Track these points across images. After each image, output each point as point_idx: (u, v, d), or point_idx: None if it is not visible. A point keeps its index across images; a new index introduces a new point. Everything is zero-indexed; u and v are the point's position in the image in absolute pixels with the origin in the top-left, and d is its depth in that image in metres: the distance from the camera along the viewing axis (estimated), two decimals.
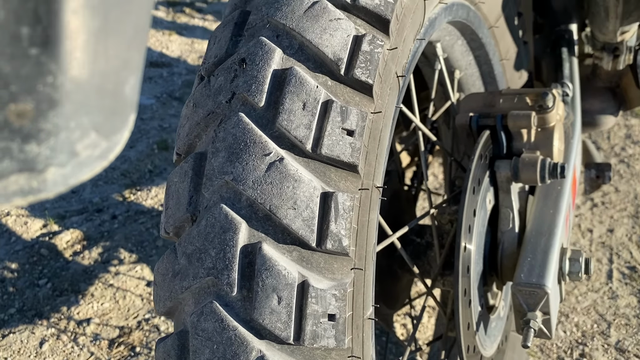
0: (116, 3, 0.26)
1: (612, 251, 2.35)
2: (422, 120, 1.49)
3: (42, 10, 0.25)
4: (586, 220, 2.52)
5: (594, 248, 2.38)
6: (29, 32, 0.25)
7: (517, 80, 1.47)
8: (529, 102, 1.07)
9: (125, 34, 0.27)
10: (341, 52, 0.64)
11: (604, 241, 2.41)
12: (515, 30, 1.37)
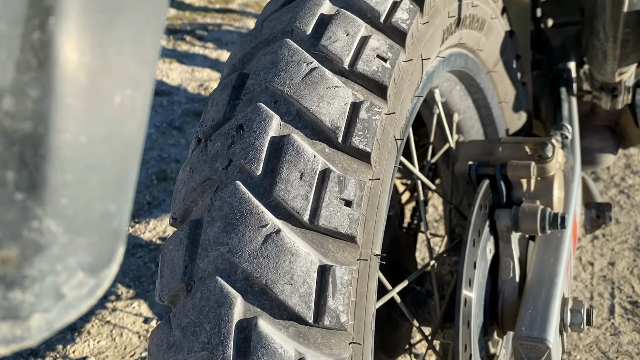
0: (107, 148, 0.26)
1: (614, 285, 2.33)
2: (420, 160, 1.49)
3: (28, 155, 0.24)
4: (587, 252, 2.51)
5: (595, 282, 2.36)
6: (15, 177, 0.24)
7: (516, 122, 1.47)
8: (528, 151, 1.06)
9: (115, 170, 0.27)
10: (339, 120, 0.64)
11: (605, 275, 2.39)
12: (514, 73, 1.37)
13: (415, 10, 0.77)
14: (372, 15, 0.74)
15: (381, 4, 0.74)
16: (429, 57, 0.83)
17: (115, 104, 0.27)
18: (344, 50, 0.68)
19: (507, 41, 1.28)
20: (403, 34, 0.73)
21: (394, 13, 0.74)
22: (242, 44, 0.78)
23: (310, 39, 0.71)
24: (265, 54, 0.71)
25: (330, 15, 0.73)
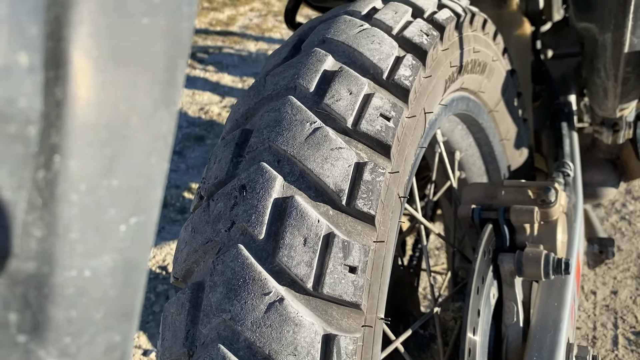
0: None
1: (617, 315, 2.31)
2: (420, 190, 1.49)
3: (31, 296, 0.24)
4: (589, 281, 2.49)
5: (597, 312, 2.34)
6: (17, 319, 0.24)
7: (518, 158, 1.47)
8: (531, 195, 1.06)
9: (120, 299, 0.26)
10: (342, 182, 0.63)
11: (608, 304, 2.37)
12: (515, 110, 1.37)
13: (417, 65, 0.77)
14: (374, 72, 0.74)
15: (384, 61, 0.74)
16: (431, 111, 0.83)
17: (120, 233, 0.26)
18: (347, 109, 0.68)
19: (509, 80, 1.29)
20: (406, 91, 0.73)
21: (396, 70, 0.74)
22: (245, 98, 0.78)
23: (314, 97, 0.71)
24: (269, 110, 0.71)
25: (333, 71, 0.73)
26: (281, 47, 0.86)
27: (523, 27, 1.62)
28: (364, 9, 0.86)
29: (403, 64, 0.75)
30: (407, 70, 0.75)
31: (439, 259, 2.54)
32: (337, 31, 0.80)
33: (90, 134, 0.25)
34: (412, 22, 0.84)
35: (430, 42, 0.81)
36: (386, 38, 0.77)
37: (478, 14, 1.04)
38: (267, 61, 0.85)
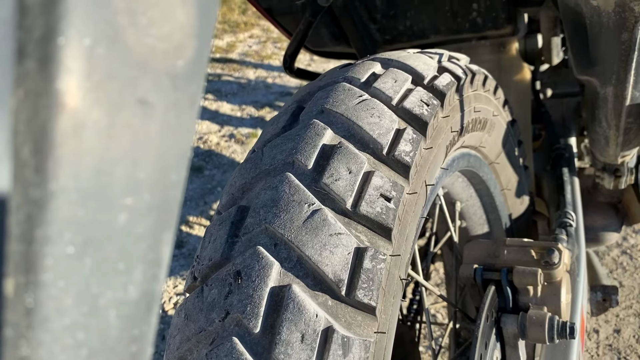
0: None
1: (620, 355, 2.27)
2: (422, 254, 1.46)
3: None
4: (592, 319, 2.46)
5: (601, 351, 2.30)
6: None
7: (519, 206, 1.45)
8: (534, 256, 1.04)
9: None
10: (342, 272, 0.61)
11: (611, 343, 2.34)
12: (516, 160, 1.36)
13: (418, 139, 0.75)
14: (374, 147, 0.72)
15: (384, 136, 0.73)
16: (433, 183, 0.81)
17: None
18: (346, 190, 0.66)
19: (509, 131, 1.27)
20: (407, 167, 0.71)
21: (396, 145, 0.72)
22: (242, 171, 0.76)
23: (312, 174, 0.69)
24: (266, 188, 0.69)
25: (332, 146, 0.71)
26: (279, 114, 0.85)
27: (523, 73, 1.61)
28: (363, 75, 0.85)
29: (403, 139, 0.73)
30: (408, 145, 0.73)
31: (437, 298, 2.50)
32: (336, 101, 0.78)
33: (65, 338, 0.22)
34: (412, 90, 0.82)
35: (430, 112, 0.79)
36: (386, 111, 0.76)
37: (478, 72, 1.03)
38: (265, 129, 0.84)
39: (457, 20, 1.53)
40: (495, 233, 1.44)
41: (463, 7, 1.50)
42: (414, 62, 0.89)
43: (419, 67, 0.88)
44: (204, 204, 3.09)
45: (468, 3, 1.49)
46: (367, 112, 0.75)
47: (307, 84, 0.92)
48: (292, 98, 0.90)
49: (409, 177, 0.71)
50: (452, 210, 1.34)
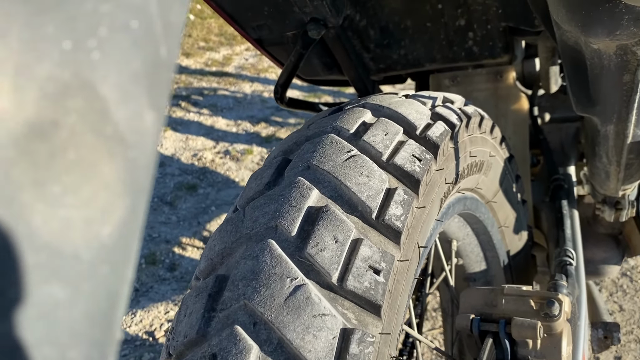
0: None
1: None
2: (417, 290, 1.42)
3: None
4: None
5: None
6: None
7: (517, 242, 1.41)
8: (533, 306, 0.99)
9: None
10: (326, 358, 0.56)
11: None
12: (514, 196, 1.31)
13: (410, 200, 0.71)
14: (363, 210, 0.68)
15: (373, 199, 0.68)
16: (426, 245, 0.76)
17: None
18: (332, 262, 0.62)
19: (507, 169, 1.23)
20: (397, 232, 0.67)
21: (386, 208, 0.68)
22: (222, 233, 0.71)
23: (296, 241, 0.64)
24: (246, 257, 0.65)
25: (318, 209, 0.67)
26: (264, 167, 0.80)
27: (520, 102, 1.57)
28: (353, 125, 0.80)
29: (394, 200, 0.69)
30: (399, 208, 0.68)
31: (436, 323, 2.45)
32: (323, 157, 0.74)
33: None
34: (404, 143, 0.78)
35: (423, 168, 0.75)
36: (375, 170, 0.72)
37: (474, 114, 0.99)
38: (249, 183, 0.79)
39: (452, 48, 1.49)
40: (492, 270, 1.39)
41: (459, 36, 1.46)
42: (405, 111, 0.84)
43: (411, 116, 0.84)
44: (197, 224, 3.04)
45: (464, 32, 1.45)
46: (355, 171, 0.71)
47: (294, 132, 0.88)
48: (278, 148, 0.85)
49: (400, 243, 0.67)
50: (447, 248, 1.30)
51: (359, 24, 1.44)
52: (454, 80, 1.62)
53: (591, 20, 0.76)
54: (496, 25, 1.42)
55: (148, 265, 2.71)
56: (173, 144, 4.00)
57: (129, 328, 2.32)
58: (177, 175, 3.58)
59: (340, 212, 0.67)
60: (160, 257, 2.78)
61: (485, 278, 1.41)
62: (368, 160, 0.73)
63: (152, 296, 2.52)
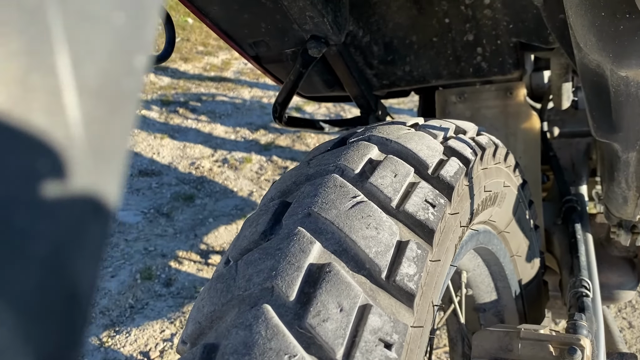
0: None
1: None
2: None
3: None
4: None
5: None
6: None
7: (529, 271, 1.33)
8: (552, 352, 0.91)
9: None
10: None
11: None
12: (527, 224, 1.24)
13: (424, 255, 0.63)
14: (372, 269, 0.60)
15: (382, 256, 0.61)
16: (439, 303, 0.69)
17: None
18: (337, 336, 0.54)
19: (520, 196, 1.15)
20: (411, 296, 0.59)
21: (398, 266, 0.60)
22: (212, 293, 0.64)
23: (295, 307, 0.57)
24: (238, 325, 0.57)
25: (320, 268, 0.59)
26: (259, 211, 0.72)
27: (531, 120, 1.50)
28: (358, 164, 0.73)
29: (406, 257, 0.61)
30: (412, 266, 0.61)
31: (440, 340, 2.38)
32: (325, 202, 0.66)
33: None
34: (416, 185, 0.70)
35: (437, 215, 0.68)
36: (384, 220, 0.64)
37: (488, 145, 0.91)
38: (242, 231, 0.71)
39: (460, 64, 1.41)
40: (503, 300, 1.32)
41: (467, 52, 1.39)
42: (416, 146, 0.77)
43: (422, 152, 0.76)
44: (194, 237, 2.96)
45: (472, 47, 1.37)
46: (362, 222, 0.63)
47: (292, 170, 0.80)
48: (275, 187, 0.77)
49: (413, 307, 0.59)
50: (457, 279, 1.22)
51: (361, 40, 1.37)
52: (461, 97, 1.54)
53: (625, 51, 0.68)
54: (506, 40, 1.34)
55: (143, 280, 2.64)
56: (170, 152, 3.93)
57: (123, 348, 2.25)
58: (174, 185, 3.50)
59: (345, 272, 0.59)
60: (156, 271, 2.70)
61: (495, 308, 1.33)
62: (376, 208, 0.65)
63: (147, 313, 2.44)
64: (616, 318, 2.59)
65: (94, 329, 2.33)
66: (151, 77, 5.13)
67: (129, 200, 3.28)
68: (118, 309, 2.45)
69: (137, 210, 3.19)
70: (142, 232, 3.00)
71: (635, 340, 2.45)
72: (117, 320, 2.39)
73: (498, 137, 1.52)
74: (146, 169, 3.65)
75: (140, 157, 3.80)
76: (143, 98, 4.71)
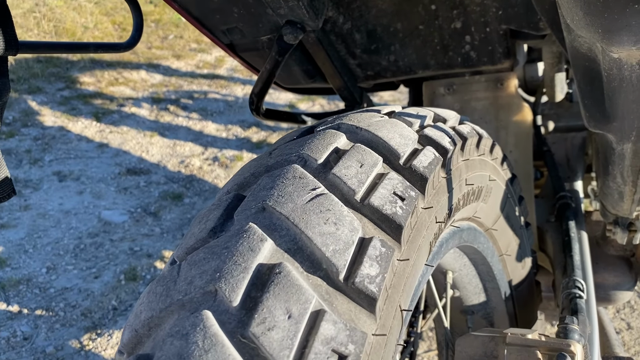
0: None
1: None
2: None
3: None
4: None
5: None
6: None
7: (520, 271, 1.26)
8: (540, 359, 0.84)
9: None
10: None
11: None
12: (517, 221, 1.17)
13: (389, 253, 0.56)
14: (328, 269, 0.53)
15: (341, 254, 0.53)
16: (409, 308, 0.62)
17: None
18: (282, 347, 0.47)
19: (508, 191, 1.08)
20: (372, 300, 0.52)
21: (358, 266, 0.53)
22: (151, 297, 0.57)
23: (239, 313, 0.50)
24: (174, 335, 0.50)
25: (270, 268, 0.52)
26: (212, 206, 0.65)
27: (523, 112, 1.42)
28: (322, 153, 0.66)
29: (368, 256, 0.54)
30: (374, 266, 0.54)
31: (432, 343, 2.30)
32: (282, 195, 0.59)
33: None
34: (384, 177, 0.63)
35: (407, 209, 0.60)
36: (345, 215, 0.57)
37: (470, 134, 0.84)
38: (191, 226, 0.64)
39: (448, 54, 1.34)
40: (492, 302, 1.25)
41: (455, 40, 1.31)
42: (387, 134, 0.70)
43: (394, 140, 0.69)
44: (182, 237, 2.89)
45: (460, 35, 1.30)
46: (320, 216, 0.56)
47: (253, 160, 0.73)
48: (232, 180, 0.70)
49: (375, 312, 0.52)
50: (442, 280, 1.15)
51: (342, 27, 1.29)
52: (450, 89, 1.47)
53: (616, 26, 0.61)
54: (496, 28, 1.27)
55: (128, 281, 2.56)
56: (160, 150, 3.85)
57: (104, 351, 2.17)
58: (162, 184, 3.43)
59: (298, 273, 0.52)
60: (141, 272, 2.63)
61: (484, 310, 1.26)
62: (337, 201, 0.58)
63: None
64: (614, 319, 2.52)
65: (75, 331, 2.26)
66: (142, 74, 5.05)
67: (116, 199, 3.21)
68: (101, 311, 2.38)
69: (123, 210, 3.11)
70: (128, 231, 2.93)
71: (633, 342, 2.38)
72: (99, 323, 2.32)
73: (488, 131, 1.45)
74: (134, 168, 3.58)
75: (129, 155, 3.73)
76: (133, 95, 4.63)
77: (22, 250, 2.74)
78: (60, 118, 4.07)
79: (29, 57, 4.82)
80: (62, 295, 2.45)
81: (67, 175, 3.38)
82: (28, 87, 4.42)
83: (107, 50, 1.07)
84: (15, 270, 2.60)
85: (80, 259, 2.69)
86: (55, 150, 3.66)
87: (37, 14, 5.41)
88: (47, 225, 2.92)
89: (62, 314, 2.34)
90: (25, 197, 3.15)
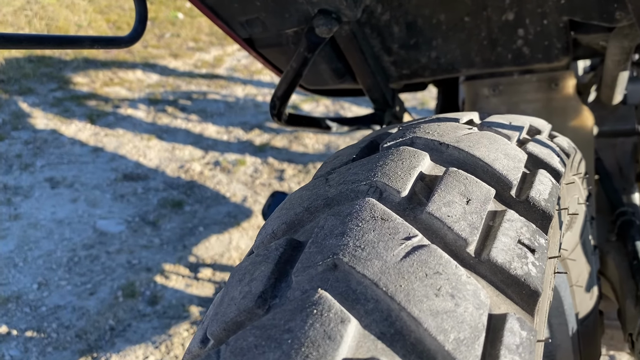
0: None
1: None
2: None
3: None
4: None
5: None
6: None
7: (588, 302, 1.09)
8: None
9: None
10: None
11: None
12: (589, 245, 0.99)
13: (530, 338, 0.38)
14: None
15: (470, 347, 0.35)
16: None
17: None
18: None
19: (587, 213, 0.91)
20: None
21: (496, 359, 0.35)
22: None
23: None
24: None
25: None
26: (255, 256, 0.47)
27: (582, 118, 1.25)
28: (405, 182, 0.47)
29: (506, 347, 0.36)
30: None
31: None
32: (360, 247, 0.41)
33: None
34: (500, 218, 0.45)
35: (540, 267, 0.42)
36: (464, 280, 0.39)
37: (570, 151, 0.66)
38: (228, 289, 0.46)
39: (496, 50, 1.17)
40: (557, 340, 1.07)
41: (505, 34, 1.14)
42: (487, 154, 0.51)
43: (499, 163, 0.51)
44: (183, 248, 2.70)
45: (512, 29, 1.13)
46: (426, 283, 0.38)
47: (303, 189, 0.55)
48: (278, 217, 0.52)
49: None
50: None
51: (380, 18, 1.11)
52: (496, 89, 1.30)
53: None
54: (555, 20, 1.09)
55: (126, 298, 2.37)
56: (158, 154, 3.66)
57: None
58: (161, 191, 3.24)
59: None
60: (139, 288, 2.44)
61: (546, 349, 1.09)
62: (447, 258, 0.40)
63: (129, 336, 2.18)
64: None
65: (69, 355, 2.07)
66: (138, 74, 4.86)
67: (112, 207, 3.02)
68: (97, 332, 2.19)
69: (120, 219, 2.92)
70: (126, 243, 2.74)
71: None
72: (95, 345, 2.13)
73: None
74: (131, 173, 3.39)
75: (125, 159, 3.53)
76: (129, 96, 4.44)
77: (12, 263, 2.54)
78: (52, 120, 3.87)
79: (20, 57, 4.62)
80: (55, 315, 2.26)
81: (60, 181, 3.19)
82: (19, 87, 4.22)
83: (105, 46, 0.88)
84: (4, 287, 2.41)
85: (74, 273, 2.50)
86: (48, 154, 3.47)
87: (29, 12, 5.21)
88: (39, 236, 2.73)
89: (54, 336, 2.15)
90: (15, 206, 2.95)
